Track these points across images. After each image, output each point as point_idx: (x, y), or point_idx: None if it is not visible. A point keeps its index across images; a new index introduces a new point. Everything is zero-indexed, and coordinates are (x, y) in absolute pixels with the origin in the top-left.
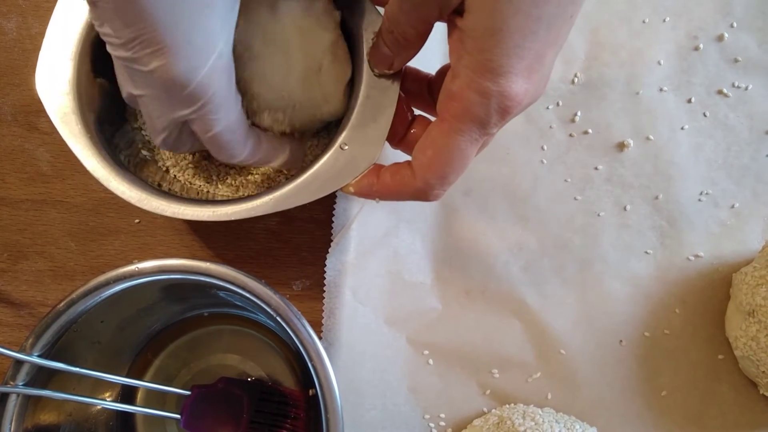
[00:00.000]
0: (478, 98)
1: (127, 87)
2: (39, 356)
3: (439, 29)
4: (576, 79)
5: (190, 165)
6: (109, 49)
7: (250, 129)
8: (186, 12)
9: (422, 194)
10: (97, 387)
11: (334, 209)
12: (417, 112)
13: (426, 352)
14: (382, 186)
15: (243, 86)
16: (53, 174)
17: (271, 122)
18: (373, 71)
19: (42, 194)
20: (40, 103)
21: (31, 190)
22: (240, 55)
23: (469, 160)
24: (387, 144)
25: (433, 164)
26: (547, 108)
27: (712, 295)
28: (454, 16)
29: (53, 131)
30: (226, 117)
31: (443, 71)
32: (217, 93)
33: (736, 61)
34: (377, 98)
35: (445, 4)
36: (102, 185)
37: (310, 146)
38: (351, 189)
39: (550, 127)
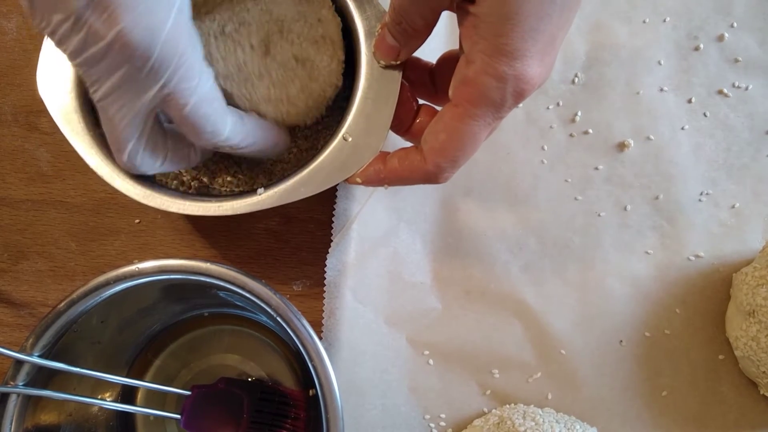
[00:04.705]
0: (494, 83)
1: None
2: (39, 356)
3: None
4: (576, 79)
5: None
6: (66, 55)
7: (227, 105)
8: None
9: (433, 177)
10: (97, 387)
11: (334, 209)
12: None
13: (426, 352)
14: (390, 172)
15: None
16: (53, 174)
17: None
18: (378, 63)
19: (42, 194)
20: (41, 103)
21: (32, 190)
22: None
23: (480, 144)
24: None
25: (445, 148)
26: (548, 108)
27: (712, 296)
28: (465, 3)
29: (54, 131)
30: (200, 84)
31: (445, 58)
32: (186, 53)
33: (736, 61)
34: (379, 88)
35: None
36: (103, 185)
37: (300, 137)
38: (358, 179)
39: (551, 127)
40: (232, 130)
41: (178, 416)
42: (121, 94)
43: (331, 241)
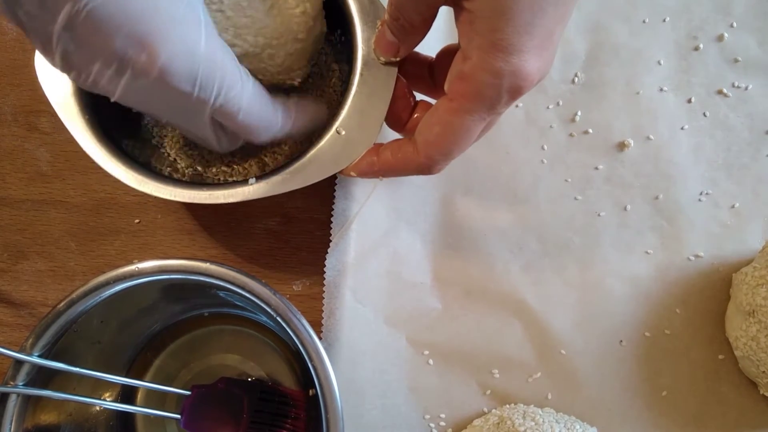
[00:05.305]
0: (490, 79)
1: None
2: (39, 356)
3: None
4: (576, 79)
5: (194, 152)
6: (114, 99)
7: (271, 96)
8: None
9: (425, 169)
10: (97, 387)
11: (334, 209)
12: (419, 97)
13: (426, 352)
14: (383, 164)
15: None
16: (53, 174)
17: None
18: (378, 59)
19: (42, 194)
20: (41, 103)
21: (31, 190)
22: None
23: (474, 139)
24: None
25: (439, 141)
26: (548, 108)
27: (712, 295)
28: None
29: (53, 131)
30: (245, 87)
31: (445, 53)
32: (225, 62)
33: (736, 61)
34: (373, 83)
35: None
36: (103, 185)
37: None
38: (352, 172)
39: (551, 126)
40: (284, 120)
41: (178, 416)
42: (182, 116)
43: (331, 241)
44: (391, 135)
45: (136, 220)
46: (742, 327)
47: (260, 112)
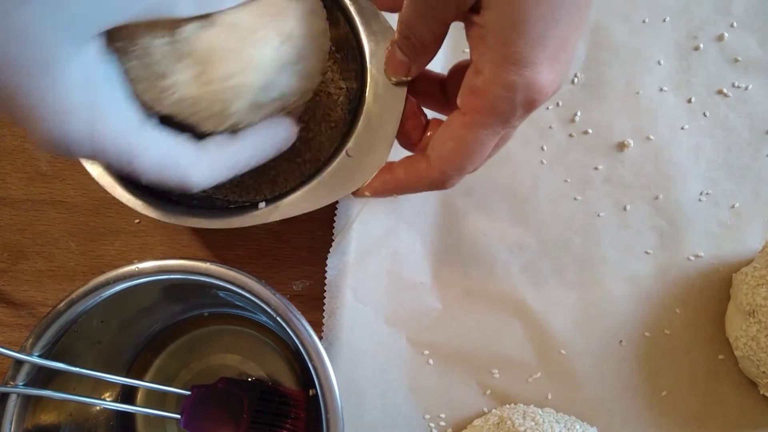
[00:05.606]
0: (503, 93)
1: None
2: (39, 356)
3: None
4: (576, 79)
5: None
6: None
7: (197, 142)
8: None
9: (439, 184)
10: (97, 387)
11: (336, 209)
12: (429, 114)
13: (426, 352)
14: (396, 181)
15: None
16: (53, 174)
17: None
18: (390, 80)
19: (42, 194)
20: None
21: (31, 190)
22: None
23: (488, 153)
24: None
25: (453, 156)
26: (547, 108)
27: (712, 295)
28: (470, 13)
29: None
30: (145, 153)
31: (456, 69)
32: (117, 140)
33: (736, 60)
34: (384, 104)
35: (461, 2)
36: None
37: (305, 149)
38: (366, 193)
39: (550, 127)
40: (216, 168)
41: (178, 416)
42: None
43: (332, 240)
44: (403, 155)
45: (136, 220)
46: (742, 327)
47: (169, 174)
